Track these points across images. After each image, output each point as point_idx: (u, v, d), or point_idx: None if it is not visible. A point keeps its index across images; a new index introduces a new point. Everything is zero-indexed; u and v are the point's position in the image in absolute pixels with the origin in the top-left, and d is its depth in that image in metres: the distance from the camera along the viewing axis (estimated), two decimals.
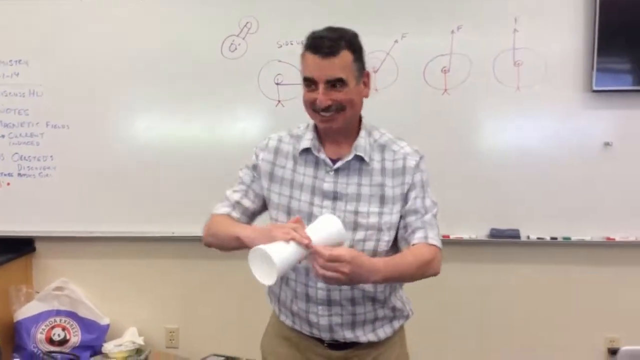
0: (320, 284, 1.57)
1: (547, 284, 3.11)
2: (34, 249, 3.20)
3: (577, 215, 3.01)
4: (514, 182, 3.01)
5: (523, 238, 3.04)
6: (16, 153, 3.11)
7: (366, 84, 1.58)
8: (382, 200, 1.58)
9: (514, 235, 3.04)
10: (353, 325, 1.62)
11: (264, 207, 1.69)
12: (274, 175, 1.64)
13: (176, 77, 3.04)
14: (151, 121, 3.09)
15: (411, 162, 1.59)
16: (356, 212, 1.56)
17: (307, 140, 1.61)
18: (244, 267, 1.58)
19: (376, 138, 1.62)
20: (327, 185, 1.58)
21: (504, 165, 3.01)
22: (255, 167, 1.67)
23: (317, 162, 1.60)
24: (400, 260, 1.49)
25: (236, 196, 1.67)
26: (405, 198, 1.58)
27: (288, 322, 1.69)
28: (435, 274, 1.56)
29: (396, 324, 1.69)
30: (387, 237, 1.58)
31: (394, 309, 1.67)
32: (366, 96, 1.60)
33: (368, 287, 1.59)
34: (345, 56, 1.50)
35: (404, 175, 1.58)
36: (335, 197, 1.57)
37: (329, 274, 1.33)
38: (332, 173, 1.58)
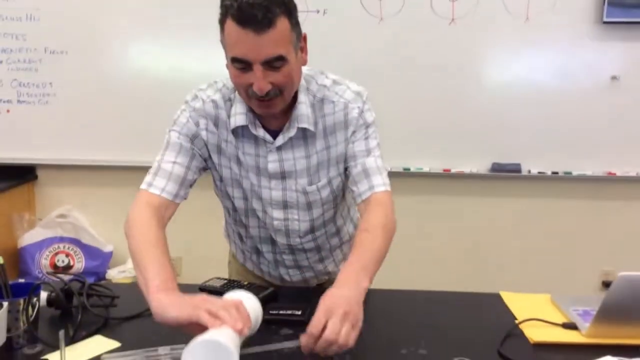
0: (287, 256, 1.55)
1: (546, 218, 3.14)
2: (35, 177, 3.20)
3: (579, 150, 3.01)
4: (518, 116, 2.99)
5: (524, 172, 3.04)
6: (15, 79, 3.07)
7: (303, 49, 1.31)
8: (329, 164, 1.41)
9: (515, 169, 3.04)
10: (324, 268, 1.62)
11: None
12: (222, 148, 1.40)
13: (179, 3, 2.96)
14: (152, 47, 3.04)
15: (354, 112, 1.37)
16: (305, 192, 1.42)
17: (241, 115, 1.34)
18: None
19: (315, 92, 1.37)
20: (272, 165, 1.39)
21: (508, 98, 2.98)
22: (194, 139, 1.38)
23: (256, 139, 1.37)
24: (367, 249, 1.23)
25: (178, 170, 1.36)
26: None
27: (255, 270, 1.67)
28: (395, 226, 1.34)
29: None
30: (346, 196, 1.53)
31: (356, 228, 1.63)
32: (304, 63, 1.33)
33: (334, 239, 1.57)
34: (282, 25, 1.18)
35: (347, 128, 1.38)
36: (283, 176, 1.41)
37: (346, 336, 1.03)
38: (274, 150, 1.38)
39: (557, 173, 3.04)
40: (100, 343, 1.20)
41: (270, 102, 1.26)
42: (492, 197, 3.15)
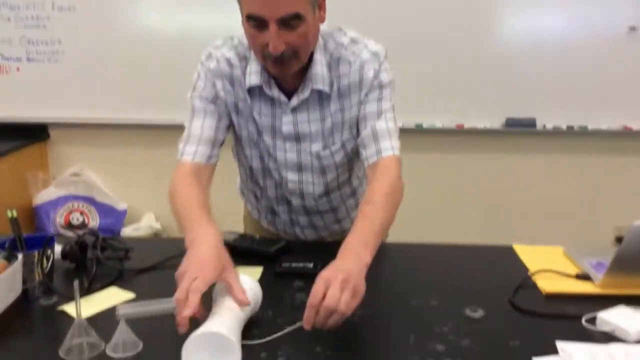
0: (302, 217, 1.54)
1: (561, 173, 3.11)
2: (48, 136, 3.21)
3: (595, 104, 2.95)
4: (532, 69, 2.93)
5: (539, 127, 3.00)
6: (23, 37, 3.04)
7: (322, 7, 1.26)
8: (343, 127, 1.38)
9: (529, 124, 3.00)
10: (340, 228, 1.61)
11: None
12: (239, 108, 1.38)
13: None
14: (163, 2, 2.98)
15: (369, 73, 1.32)
16: (319, 157, 1.40)
17: (255, 74, 1.32)
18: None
19: (332, 51, 1.33)
20: (286, 127, 1.37)
21: (522, 51, 2.91)
22: (216, 100, 1.37)
23: (272, 99, 1.35)
24: (369, 222, 1.19)
25: (207, 133, 1.36)
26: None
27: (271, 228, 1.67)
28: (401, 193, 1.31)
29: None
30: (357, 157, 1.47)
31: None
32: (322, 21, 1.28)
33: (349, 200, 1.56)
34: None
35: (360, 90, 1.34)
36: (297, 138, 1.39)
37: (345, 305, 0.98)
38: (289, 112, 1.36)
39: (572, 127, 2.99)
40: (115, 294, 1.21)
41: (285, 63, 1.22)
42: (507, 152, 3.12)
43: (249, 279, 1.11)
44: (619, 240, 3.12)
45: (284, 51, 1.19)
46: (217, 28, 2.93)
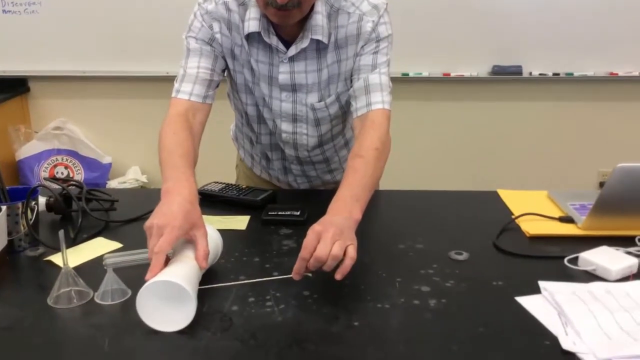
0: (295, 166, 1.54)
1: (547, 120, 3.12)
2: (28, 89, 3.15)
3: (581, 50, 2.94)
4: (519, 16, 2.90)
5: (525, 74, 2.99)
6: None
7: None
8: (339, 79, 1.37)
9: (516, 71, 2.99)
10: (333, 178, 1.62)
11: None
12: (234, 53, 1.36)
13: None
14: None
15: (367, 25, 1.30)
16: (314, 109, 1.39)
17: (254, 20, 1.29)
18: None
19: (332, 2, 1.31)
20: (283, 76, 1.35)
21: None
22: (212, 42, 1.34)
23: (270, 47, 1.33)
24: (360, 177, 1.17)
25: (203, 73, 1.34)
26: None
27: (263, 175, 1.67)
28: (389, 148, 1.29)
29: None
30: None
31: None
32: None
33: (342, 151, 1.55)
34: None
35: (357, 43, 1.32)
36: (294, 89, 1.37)
37: (336, 248, 0.97)
38: (286, 61, 1.34)
39: (558, 74, 2.99)
40: (102, 244, 1.21)
41: (287, 12, 1.20)
42: (493, 100, 3.11)
43: (210, 228, 1.10)
44: (602, 185, 3.16)
45: (288, 1, 1.17)
46: None
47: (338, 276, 0.96)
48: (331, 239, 0.97)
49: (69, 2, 2.95)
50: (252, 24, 1.30)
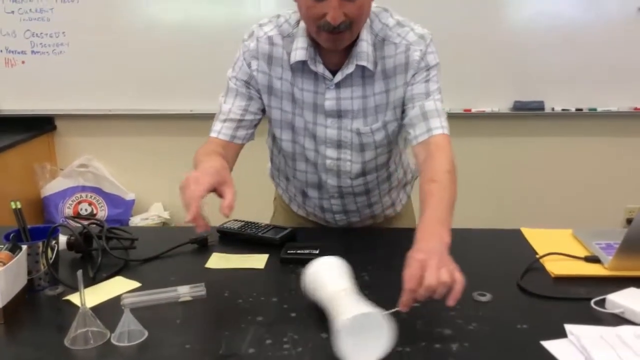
0: (335, 200, 1.52)
1: (571, 156, 3.08)
2: (54, 127, 3.22)
3: (604, 85, 2.92)
4: (540, 51, 2.89)
5: (547, 110, 2.97)
6: (28, 30, 3.04)
7: None
8: (387, 107, 1.37)
9: (538, 107, 2.97)
10: (371, 212, 1.59)
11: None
12: (273, 88, 1.39)
13: None
14: None
15: (415, 55, 1.32)
16: (359, 133, 1.39)
17: (301, 50, 1.32)
18: (264, 144, 1.58)
19: (377, 32, 1.33)
20: (329, 103, 1.36)
21: (530, 33, 2.88)
22: (250, 81, 1.39)
23: (315, 75, 1.35)
24: (440, 200, 1.19)
25: (234, 114, 1.40)
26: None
27: (300, 211, 1.66)
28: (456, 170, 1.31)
29: (409, 188, 1.67)
30: (399, 142, 1.49)
31: (405, 174, 1.63)
32: None
33: (384, 185, 1.55)
34: None
35: (406, 72, 1.34)
36: (339, 115, 1.38)
37: (441, 291, 0.98)
38: (332, 88, 1.35)
39: (581, 110, 2.96)
40: (120, 283, 1.21)
41: (339, 35, 1.23)
42: (515, 136, 3.09)
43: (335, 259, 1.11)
44: (630, 222, 3.09)
45: (342, 22, 1.20)
46: (221, 18, 2.94)
47: (452, 302, 0.96)
48: (437, 266, 0.98)
49: (94, 42, 3.02)
50: (300, 53, 1.32)
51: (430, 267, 0.97)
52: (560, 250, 1.30)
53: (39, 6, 3.01)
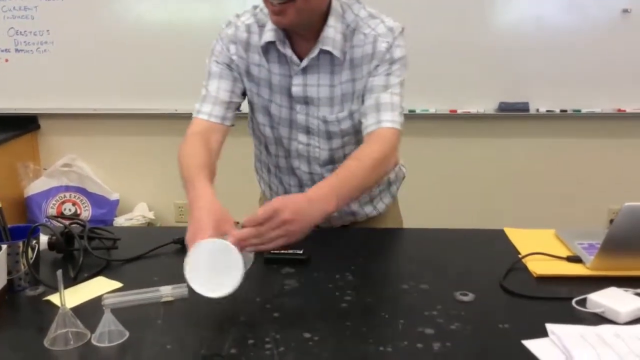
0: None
1: (555, 157, 3.10)
2: (38, 126, 3.18)
3: (589, 87, 2.94)
4: (525, 52, 2.91)
5: (532, 111, 2.99)
6: (11, 28, 3.01)
7: None
8: (353, 97, 1.38)
9: (523, 108, 2.99)
10: (348, 207, 1.56)
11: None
12: (251, 74, 1.41)
13: None
14: None
15: (382, 45, 1.33)
16: (325, 121, 1.40)
17: (270, 31, 1.34)
18: (250, 142, 1.57)
19: (349, 22, 1.35)
20: (296, 89, 1.38)
21: (515, 34, 2.89)
22: (230, 64, 1.41)
23: (285, 59, 1.36)
24: (350, 176, 1.20)
25: (223, 95, 1.40)
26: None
27: None
28: (395, 166, 1.36)
29: (394, 189, 1.67)
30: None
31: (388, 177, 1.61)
32: None
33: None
34: None
35: (371, 62, 1.35)
36: (306, 101, 1.39)
37: (272, 242, 1.04)
38: (300, 73, 1.36)
39: (565, 111, 2.98)
40: (102, 284, 1.20)
41: (282, 8, 1.23)
42: (500, 137, 3.10)
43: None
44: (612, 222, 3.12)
45: None
46: (206, 18, 2.92)
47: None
48: (281, 222, 1.02)
49: (79, 41, 3.00)
50: (268, 34, 1.34)
51: (273, 221, 1.02)
52: (542, 250, 1.30)
53: (23, 4, 2.98)
